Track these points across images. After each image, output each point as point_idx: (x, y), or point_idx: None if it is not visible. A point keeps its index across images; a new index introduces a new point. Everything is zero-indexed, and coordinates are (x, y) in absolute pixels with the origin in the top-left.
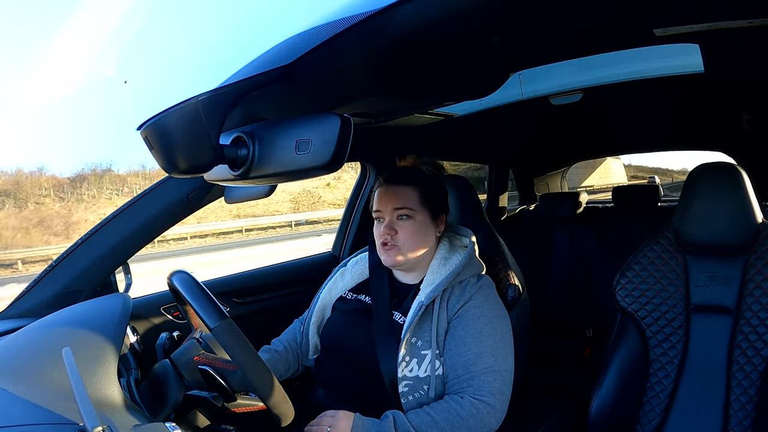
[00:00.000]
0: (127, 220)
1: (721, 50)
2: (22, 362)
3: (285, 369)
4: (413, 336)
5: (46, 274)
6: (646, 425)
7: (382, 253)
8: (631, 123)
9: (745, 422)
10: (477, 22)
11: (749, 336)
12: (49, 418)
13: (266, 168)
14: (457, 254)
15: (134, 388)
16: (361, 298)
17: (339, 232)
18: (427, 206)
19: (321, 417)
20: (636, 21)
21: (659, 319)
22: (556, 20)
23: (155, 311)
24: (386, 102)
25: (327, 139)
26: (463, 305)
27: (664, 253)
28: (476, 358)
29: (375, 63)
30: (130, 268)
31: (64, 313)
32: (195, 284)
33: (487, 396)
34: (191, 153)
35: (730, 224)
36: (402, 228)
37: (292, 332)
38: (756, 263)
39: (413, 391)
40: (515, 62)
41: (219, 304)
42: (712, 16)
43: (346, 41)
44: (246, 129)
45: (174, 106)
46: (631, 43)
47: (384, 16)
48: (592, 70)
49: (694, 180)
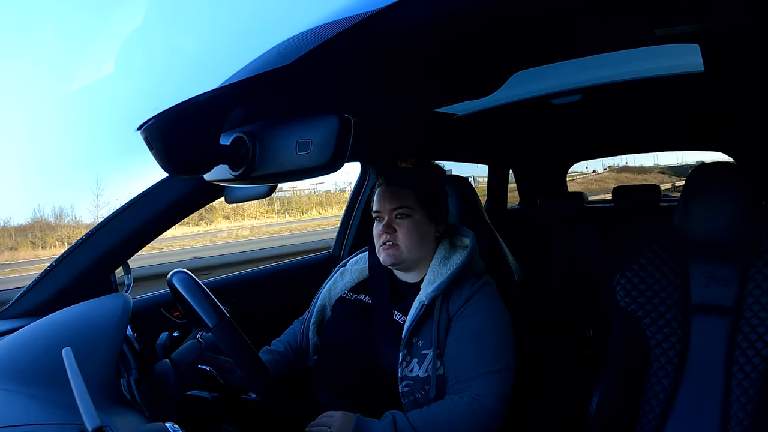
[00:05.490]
0: (127, 220)
1: (721, 50)
2: (22, 362)
3: (285, 369)
4: (414, 336)
5: (46, 274)
6: (645, 425)
7: (381, 252)
8: (630, 123)
9: (745, 422)
10: (477, 22)
11: (749, 336)
12: (49, 418)
13: (266, 168)
14: (458, 254)
15: (134, 388)
16: (361, 298)
17: (339, 232)
18: (424, 205)
19: (321, 417)
20: (636, 21)
21: (659, 319)
22: (557, 20)
23: (155, 311)
24: (386, 102)
25: (327, 139)
26: (464, 305)
27: (664, 253)
28: (477, 358)
29: (375, 63)
30: (130, 268)
31: (64, 313)
32: (195, 284)
33: (487, 396)
34: (191, 153)
35: (730, 224)
36: (400, 226)
37: (292, 332)
38: (756, 263)
39: (414, 391)
40: (515, 62)
41: (219, 304)
42: (712, 16)
43: (346, 41)
44: (246, 129)
45: (174, 106)
46: (631, 43)
47: (384, 16)
48: (592, 70)
49: (694, 180)
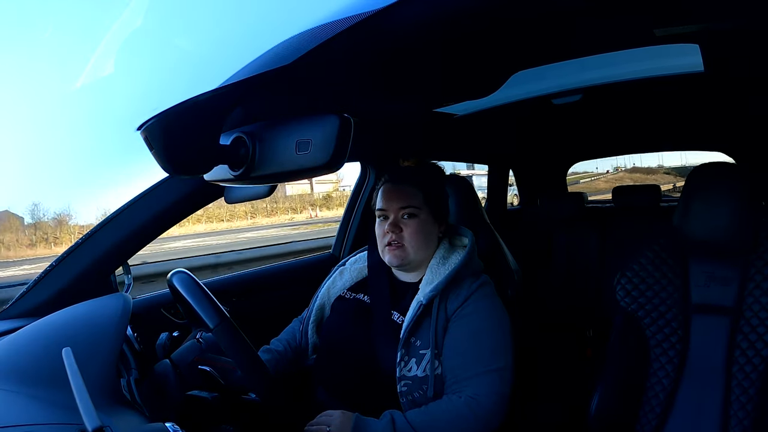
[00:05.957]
0: (127, 220)
1: (721, 50)
2: (22, 362)
3: (284, 368)
4: (412, 335)
5: (46, 274)
6: (645, 425)
7: (386, 252)
8: (630, 123)
9: (745, 422)
10: (477, 22)
11: (749, 336)
12: (49, 418)
13: (266, 168)
14: (457, 253)
15: (134, 388)
16: (359, 297)
17: (339, 232)
18: (430, 207)
19: (320, 416)
20: (636, 21)
21: (659, 319)
22: (557, 20)
23: (155, 311)
24: (386, 102)
25: (327, 139)
26: (462, 304)
27: (664, 252)
28: (475, 357)
29: (375, 63)
30: (130, 268)
31: (64, 313)
32: (195, 284)
33: (485, 396)
34: (191, 153)
35: (730, 224)
36: (407, 226)
37: (291, 332)
38: (756, 263)
39: (412, 390)
40: (515, 62)
41: (219, 304)
42: (712, 16)
43: (346, 41)
44: (246, 129)
45: (174, 106)
46: (631, 43)
47: (384, 16)
48: (592, 70)
49: (694, 180)
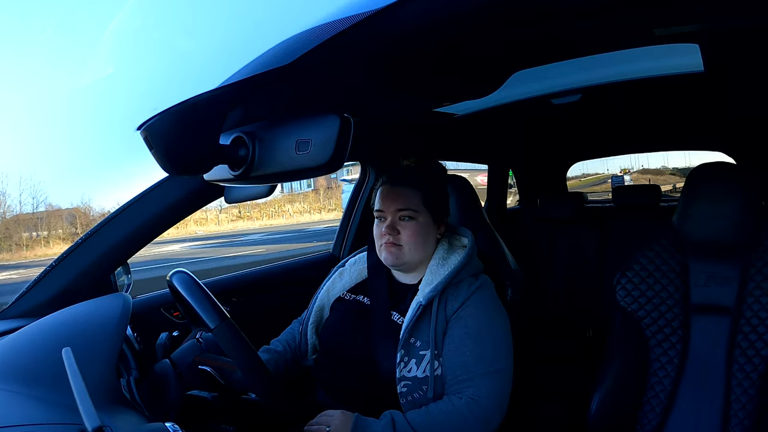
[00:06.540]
0: (127, 220)
1: (721, 50)
2: (22, 362)
3: (284, 369)
4: (411, 336)
5: (46, 274)
6: (645, 425)
7: (383, 251)
8: (630, 123)
9: (746, 422)
10: (477, 21)
11: (749, 336)
12: (49, 418)
13: (266, 168)
14: (456, 254)
15: (134, 388)
16: (359, 299)
17: (339, 232)
18: (429, 208)
19: (320, 416)
20: (636, 21)
21: (659, 319)
22: (557, 20)
23: (155, 311)
24: (386, 102)
25: (327, 139)
26: (462, 305)
27: (664, 252)
28: (475, 358)
29: (375, 63)
30: (130, 268)
31: (64, 313)
32: (195, 284)
33: (486, 396)
34: (191, 153)
35: (730, 224)
36: (404, 228)
37: (291, 332)
38: (756, 263)
39: (412, 391)
40: (515, 62)
41: (219, 304)
42: (712, 16)
43: (346, 41)
44: (246, 129)
45: (174, 106)
46: (631, 43)
47: (384, 15)
48: (592, 70)
49: (694, 180)
